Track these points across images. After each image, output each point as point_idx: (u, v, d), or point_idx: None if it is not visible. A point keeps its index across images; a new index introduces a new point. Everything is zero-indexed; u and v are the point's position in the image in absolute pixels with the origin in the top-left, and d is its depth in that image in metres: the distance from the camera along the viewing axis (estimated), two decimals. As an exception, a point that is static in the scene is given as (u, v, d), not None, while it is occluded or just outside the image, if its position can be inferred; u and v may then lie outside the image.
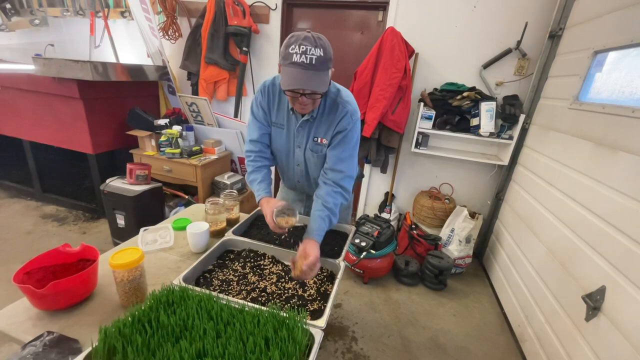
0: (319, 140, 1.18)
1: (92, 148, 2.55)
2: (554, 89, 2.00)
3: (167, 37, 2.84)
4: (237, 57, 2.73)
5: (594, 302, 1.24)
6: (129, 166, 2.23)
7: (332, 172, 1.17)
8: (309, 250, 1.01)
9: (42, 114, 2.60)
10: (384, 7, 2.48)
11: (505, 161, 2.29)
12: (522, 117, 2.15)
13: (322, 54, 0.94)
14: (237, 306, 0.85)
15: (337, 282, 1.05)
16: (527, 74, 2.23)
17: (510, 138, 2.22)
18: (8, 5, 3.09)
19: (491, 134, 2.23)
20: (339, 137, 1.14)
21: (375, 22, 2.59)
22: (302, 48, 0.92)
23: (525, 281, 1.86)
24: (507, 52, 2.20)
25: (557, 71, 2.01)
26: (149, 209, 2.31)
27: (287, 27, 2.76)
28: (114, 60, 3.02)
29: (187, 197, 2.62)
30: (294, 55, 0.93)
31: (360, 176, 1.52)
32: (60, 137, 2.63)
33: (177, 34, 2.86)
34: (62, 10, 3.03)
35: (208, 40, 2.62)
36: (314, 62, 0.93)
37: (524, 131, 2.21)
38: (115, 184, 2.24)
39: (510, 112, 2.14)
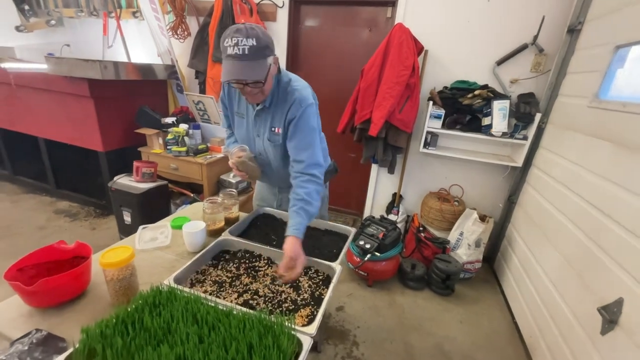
0: (276, 130, 1.20)
1: (102, 146, 2.60)
2: (573, 86, 1.89)
3: (176, 36, 2.86)
4: (244, 56, 2.71)
5: (610, 315, 1.15)
6: (135, 164, 2.25)
7: (295, 163, 1.18)
8: (287, 248, 1.00)
9: (55, 112, 2.68)
10: (393, 3, 2.41)
11: (519, 162, 2.18)
12: (538, 116, 2.04)
13: (254, 43, 0.96)
14: (224, 309, 0.83)
15: (331, 286, 1.01)
16: (544, 70, 2.12)
17: (525, 138, 2.11)
18: (26, 7, 3.19)
19: (504, 134, 2.13)
20: (292, 127, 1.15)
21: (384, 18, 2.53)
22: (234, 40, 0.95)
23: (538, 290, 1.76)
24: (523, 47, 2.10)
25: (576, 67, 1.89)
26: (154, 207, 2.33)
27: (294, 24, 2.73)
28: (126, 59, 3.07)
29: (192, 195, 2.64)
30: (228, 48, 0.96)
31: (334, 171, 1.48)
32: (72, 135, 2.70)
33: (185, 33, 2.88)
34: (77, 11, 3.11)
35: (215, 38, 2.62)
36: (246, 52, 0.95)
37: (539, 131, 2.09)
38: (122, 181, 2.27)
39: (525, 111, 2.03)
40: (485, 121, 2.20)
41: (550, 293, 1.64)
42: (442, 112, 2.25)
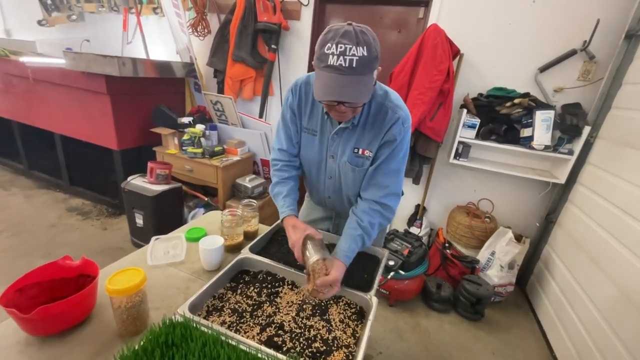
0: (361, 152, 0.99)
1: (117, 144, 2.53)
2: (630, 98, 1.70)
3: (196, 33, 2.78)
4: (265, 55, 2.62)
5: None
6: (150, 165, 2.17)
7: (375, 187, 1.00)
8: (330, 268, 0.87)
9: (71, 108, 2.63)
10: (426, 3, 2.26)
11: (562, 179, 1.99)
12: (586, 129, 1.85)
13: (365, 54, 0.75)
14: (247, 349, 0.70)
15: (368, 324, 0.87)
16: (594, 79, 1.93)
17: (570, 153, 1.92)
18: (49, 1, 3.18)
19: (546, 147, 1.94)
20: (388, 149, 0.95)
21: (415, 19, 2.38)
22: (341, 47, 0.74)
23: (585, 323, 1.57)
24: (571, 53, 1.91)
25: (635, 77, 1.70)
26: (167, 210, 2.24)
27: (319, 24, 2.61)
28: (144, 56, 3.01)
29: (206, 198, 2.54)
30: (330, 56, 0.75)
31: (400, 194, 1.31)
32: (87, 132, 2.64)
33: (206, 30, 2.79)
34: (98, 6, 3.08)
35: (236, 36, 2.52)
36: (354, 64, 0.74)
37: (587, 146, 1.90)
38: (135, 182, 2.19)
39: (572, 123, 1.85)
40: (525, 132, 2.02)
41: (601, 327, 1.45)
42: (476, 121, 2.08)
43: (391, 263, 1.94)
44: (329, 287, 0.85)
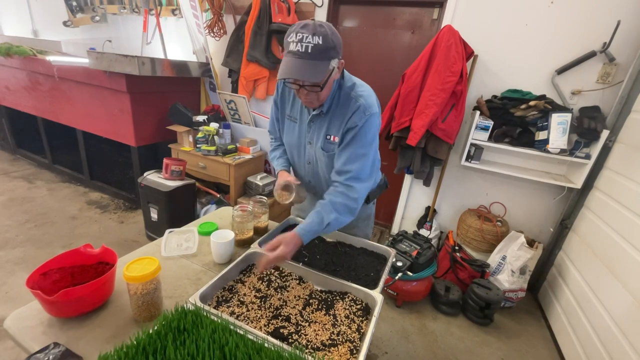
0: (332, 139, 1.09)
1: (135, 140, 2.63)
2: (652, 102, 1.64)
3: (212, 34, 2.85)
4: (279, 56, 2.66)
5: None
6: (165, 161, 2.24)
7: (339, 173, 1.06)
8: (281, 238, 0.95)
9: (93, 106, 2.74)
10: (440, 3, 2.25)
11: (578, 184, 1.94)
12: (604, 133, 1.80)
13: (320, 42, 0.87)
14: (255, 339, 0.73)
15: (374, 320, 0.88)
16: (613, 82, 1.87)
17: (587, 157, 1.87)
18: (74, 3, 3.32)
19: (562, 151, 1.90)
20: (349, 135, 1.04)
21: (429, 20, 2.37)
22: (299, 36, 0.87)
23: (599, 332, 1.53)
24: (590, 55, 1.87)
25: (657, 80, 1.65)
26: (181, 205, 2.30)
27: (332, 24, 2.62)
28: (162, 56, 3.11)
29: (218, 195, 2.59)
30: (291, 43, 0.89)
31: (384, 186, 1.34)
32: (107, 128, 2.75)
33: (222, 31, 2.86)
34: (120, 8, 3.19)
35: (251, 37, 2.57)
36: (309, 50, 0.87)
37: (605, 150, 1.85)
38: (152, 177, 2.26)
39: (590, 127, 1.80)
40: (540, 135, 1.98)
41: (614, 335, 1.42)
42: (489, 123, 2.05)
43: (399, 264, 1.94)
44: (276, 244, 0.93)
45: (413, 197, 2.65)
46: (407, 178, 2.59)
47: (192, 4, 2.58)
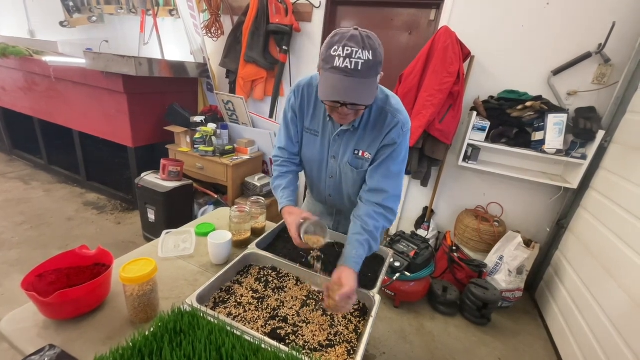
0: (361, 154, 1.01)
1: (132, 141, 2.62)
2: (646, 103, 1.66)
3: (209, 34, 2.85)
4: (277, 56, 2.66)
5: None
6: (162, 162, 2.23)
7: (375, 191, 1.00)
8: (345, 280, 0.84)
9: (90, 106, 2.72)
10: (437, 5, 2.26)
11: (574, 184, 1.95)
12: (600, 134, 1.82)
13: (370, 57, 0.77)
14: (251, 340, 0.73)
15: (371, 320, 0.88)
16: (609, 83, 1.89)
17: (583, 157, 1.88)
18: (71, 3, 3.31)
19: (558, 152, 1.91)
20: (387, 152, 0.98)
21: (426, 21, 2.38)
22: (347, 50, 0.76)
23: (595, 332, 1.54)
24: (586, 56, 1.88)
25: (652, 81, 1.66)
26: (178, 206, 2.30)
27: (329, 25, 2.63)
28: (160, 57, 3.10)
29: (216, 196, 2.59)
30: (337, 58, 0.77)
31: (400, 196, 1.33)
32: (104, 129, 2.74)
33: (219, 31, 2.86)
34: (117, 8, 3.18)
35: (249, 38, 2.57)
36: (360, 67, 0.76)
37: (601, 150, 1.86)
38: (149, 178, 2.25)
39: (586, 127, 1.82)
40: (537, 136, 1.99)
41: (610, 335, 1.42)
42: (486, 123, 2.06)
43: (397, 264, 1.94)
44: (347, 299, 0.82)
45: (411, 198, 2.65)
46: (405, 178, 2.59)
47: (190, 5, 2.58)
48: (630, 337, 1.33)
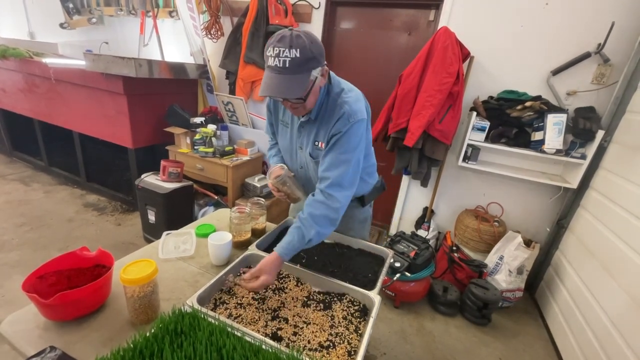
0: (319, 145, 1.08)
1: (132, 142, 2.62)
2: (646, 102, 1.66)
3: (209, 36, 2.85)
4: (276, 57, 2.65)
5: None
6: (163, 163, 2.23)
7: (321, 178, 1.05)
8: (263, 266, 0.93)
9: (89, 108, 2.73)
10: (436, 5, 2.26)
11: (574, 184, 1.95)
12: (599, 134, 1.82)
13: (297, 55, 0.85)
14: (252, 341, 0.73)
15: (371, 321, 0.88)
16: (608, 82, 1.89)
17: (583, 157, 1.88)
18: (71, 5, 3.31)
19: (558, 151, 1.91)
20: (333, 141, 1.03)
21: (425, 22, 2.38)
22: (276, 50, 0.86)
23: (595, 331, 1.54)
24: (585, 56, 1.88)
25: (651, 81, 1.66)
26: (178, 207, 2.30)
27: (329, 26, 2.64)
28: (160, 58, 3.10)
29: (216, 197, 2.59)
30: (269, 58, 0.88)
31: (381, 188, 1.33)
32: (104, 131, 2.74)
33: (219, 32, 2.86)
34: (117, 10, 3.18)
35: (248, 39, 2.58)
36: (287, 64, 0.85)
37: (601, 150, 1.86)
38: (149, 179, 2.26)
39: (586, 127, 1.82)
40: (536, 136, 1.99)
41: (611, 335, 1.42)
42: (486, 124, 2.07)
43: (397, 265, 1.94)
44: (257, 274, 0.91)
45: (411, 198, 2.65)
46: (405, 179, 2.60)
47: (189, 6, 2.58)
48: (630, 336, 1.33)
